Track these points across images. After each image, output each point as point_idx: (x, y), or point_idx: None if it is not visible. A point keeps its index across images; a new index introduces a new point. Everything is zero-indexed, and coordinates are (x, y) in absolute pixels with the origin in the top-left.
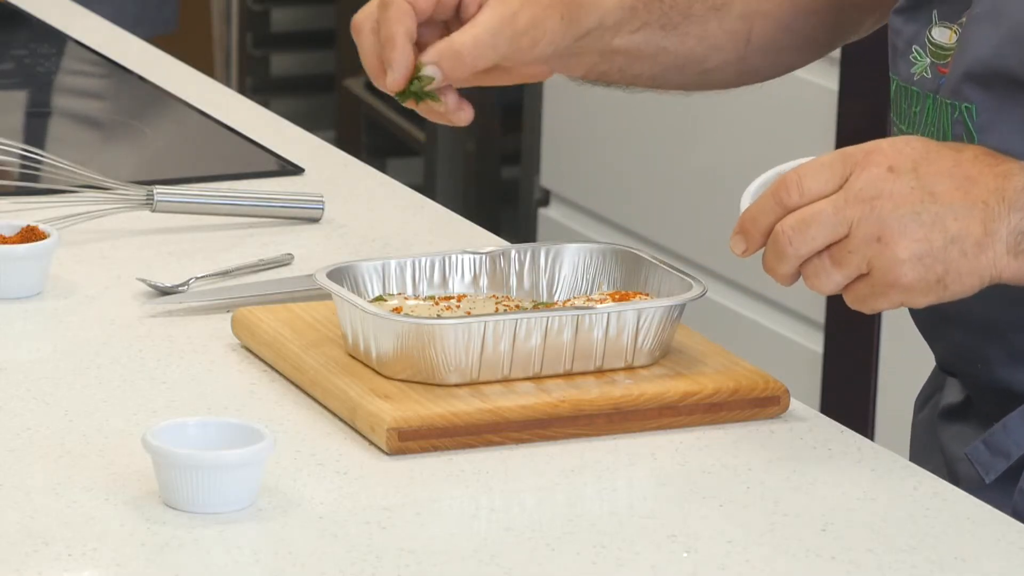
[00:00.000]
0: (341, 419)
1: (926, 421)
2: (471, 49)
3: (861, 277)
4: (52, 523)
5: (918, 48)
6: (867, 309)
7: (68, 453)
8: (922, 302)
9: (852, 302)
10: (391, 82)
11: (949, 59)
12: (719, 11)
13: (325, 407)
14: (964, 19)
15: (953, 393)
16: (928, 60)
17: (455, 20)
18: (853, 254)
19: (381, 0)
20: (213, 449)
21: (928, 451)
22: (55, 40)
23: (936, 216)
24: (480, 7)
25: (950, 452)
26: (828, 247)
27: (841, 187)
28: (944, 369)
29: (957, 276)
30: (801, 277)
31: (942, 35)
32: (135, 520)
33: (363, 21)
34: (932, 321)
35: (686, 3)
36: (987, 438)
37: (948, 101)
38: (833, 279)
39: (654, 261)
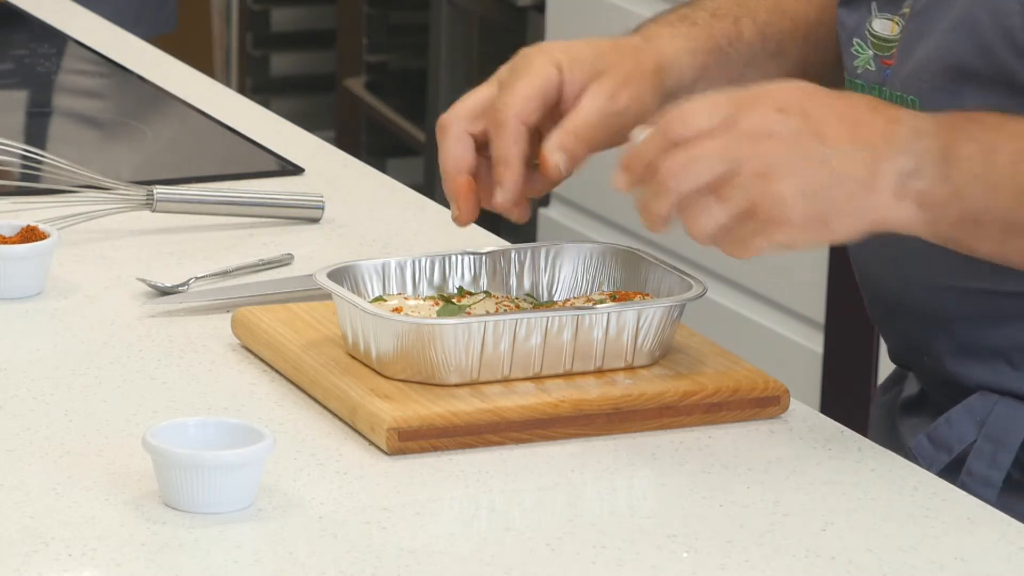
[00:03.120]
0: (341, 419)
1: (886, 409)
2: (583, 127)
3: (742, 218)
4: (52, 523)
5: (859, 41)
6: (747, 252)
7: (68, 453)
8: (804, 241)
9: (732, 244)
10: (503, 201)
11: (893, 51)
12: (776, 58)
13: (325, 407)
14: (906, 10)
15: (911, 386)
16: (871, 52)
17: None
18: (737, 190)
19: (494, 119)
20: (213, 449)
21: (887, 440)
22: (55, 40)
23: (823, 156)
24: (580, 96)
25: (907, 444)
26: (712, 186)
27: (728, 126)
28: (897, 362)
29: (841, 216)
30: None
31: (883, 27)
32: (135, 520)
33: (451, 123)
34: (882, 313)
35: (749, 54)
36: (931, 432)
37: (897, 94)
38: (715, 217)
39: (654, 261)
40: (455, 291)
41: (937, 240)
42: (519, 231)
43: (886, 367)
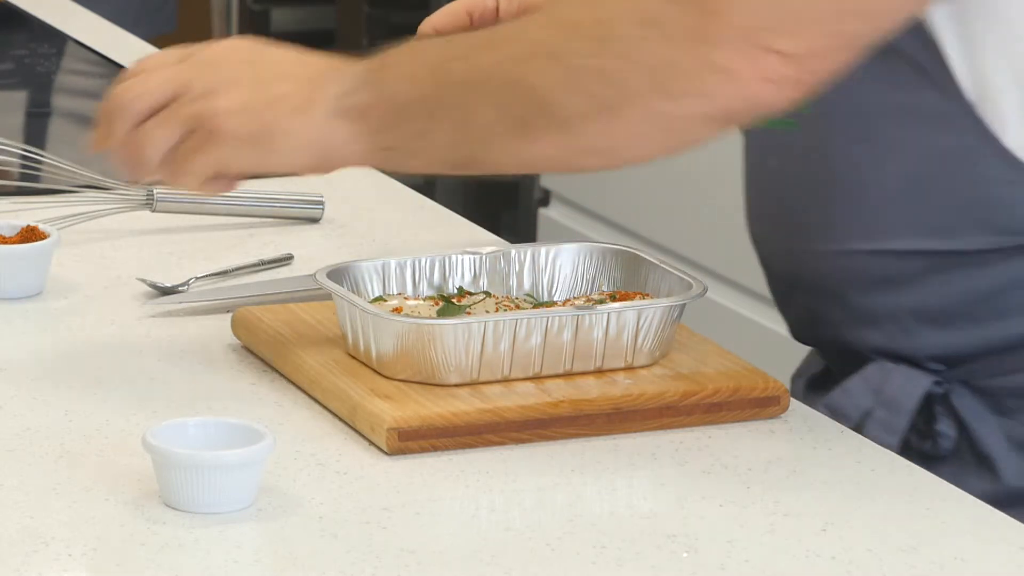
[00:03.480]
0: (341, 419)
1: (800, 391)
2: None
3: (185, 138)
4: (52, 523)
5: None
6: (191, 174)
7: (68, 453)
8: (247, 158)
9: (175, 167)
10: None
11: None
12: None
13: (325, 407)
14: None
15: (816, 363)
16: None
17: None
18: (180, 108)
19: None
20: (213, 449)
21: None
22: (55, 40)
23: (265, 79)
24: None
25: None
26: (162, 110)
27: (182, 58)
28: (798, 338)
29: (282, 133)
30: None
31: None
32: (135, 520)
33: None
34: (781, 289)
35: None
36: (828, 401)
37: None
38: (158, 137)
39: (654, 261)
40: (455, 291)
41: (383, 157)
42: (519, 231)
43: None
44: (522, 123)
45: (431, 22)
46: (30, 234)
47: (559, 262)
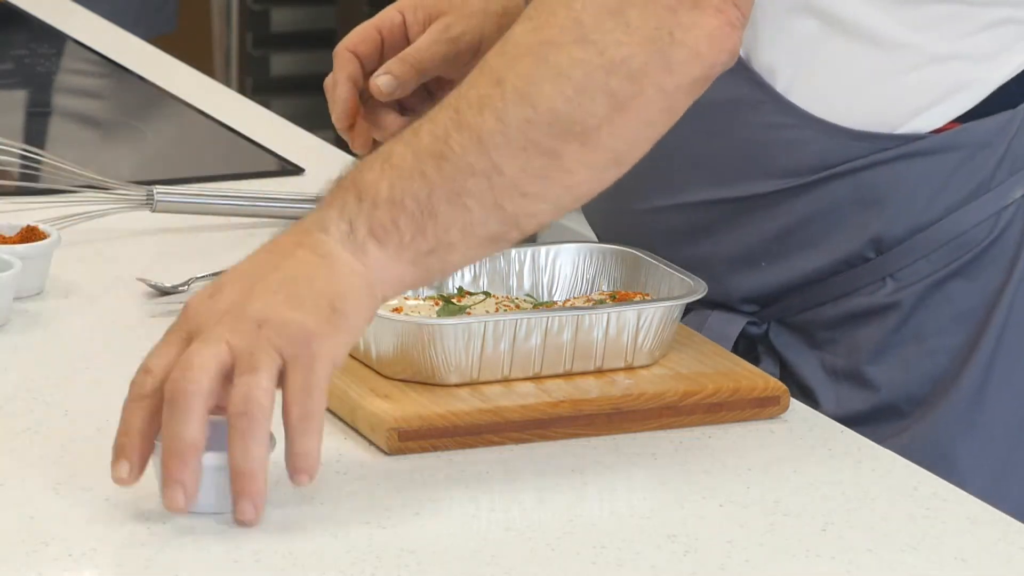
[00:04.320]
0: (341, 419)
1: None
2: (412, 53)
3: (284, 372)
4: (52, 523)
5: None
6: (320, 394)
7: (68, 453)
8: (342, 342)
9: (299, 399)
10: (335, 119)
11: None
12: None
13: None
14: None
15: None
16: None
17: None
18: (254, 351)
19: (334, 54)
20: (213, 449)
21: None
22: (55, 40)
23: (269, 272)
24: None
25: None
26: (229, 372)
27: (181, 327)
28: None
29: (342, 299)
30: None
31: None
32: (135, 520)
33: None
34: None
35: None
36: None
37: None
38: (263, 389)
39: (654, 261)
40: (455, 291)
41: (429, 265)
42: None
43: None
44: (552, 153)
45: (345, 45)
46: (30, 234)
47: (559, 262)
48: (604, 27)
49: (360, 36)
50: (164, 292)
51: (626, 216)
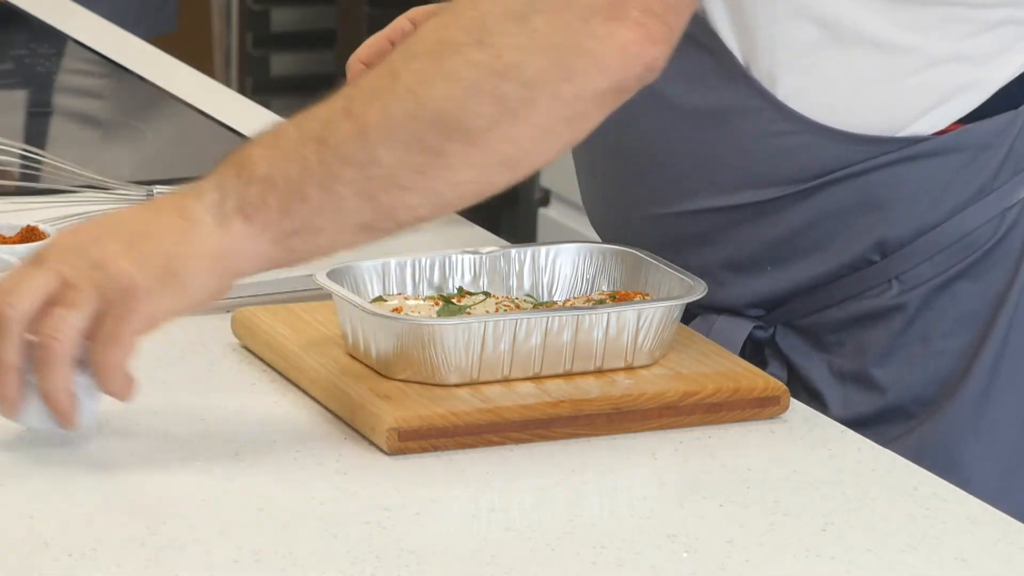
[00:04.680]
0: (341, 419)
1: None
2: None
3: (100, 318)
4: (52, 523)
5: None
6: (125, 347)
7: (68, 453)
8: (170, 305)
9: (105, 348)
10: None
11: None
12: None
13: (325, 407)
14: None
15: None
16: None
17: None
18: (78, 288)
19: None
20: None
21: None
22: (55, 40)
23: (130, 223)
24: None
25: None
26: (51, 300)
27: (42, 257)
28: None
29: (183, 262)
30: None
31: None
32: (135, 520)
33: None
34: None
35: None
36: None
37: None
38: (70, 324)
39: (654, 261)
40: (455, 291)
41: (289, 246)
42: (519, 231)
43: None
44: (435, 151)
45: (357, 56)
46: (30, 234)
47: (559, 262)
48: (507, 31)
49: (372, 47)
50: None
51: (631, 224)
